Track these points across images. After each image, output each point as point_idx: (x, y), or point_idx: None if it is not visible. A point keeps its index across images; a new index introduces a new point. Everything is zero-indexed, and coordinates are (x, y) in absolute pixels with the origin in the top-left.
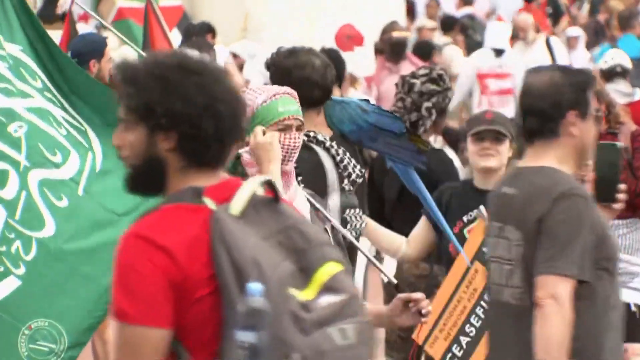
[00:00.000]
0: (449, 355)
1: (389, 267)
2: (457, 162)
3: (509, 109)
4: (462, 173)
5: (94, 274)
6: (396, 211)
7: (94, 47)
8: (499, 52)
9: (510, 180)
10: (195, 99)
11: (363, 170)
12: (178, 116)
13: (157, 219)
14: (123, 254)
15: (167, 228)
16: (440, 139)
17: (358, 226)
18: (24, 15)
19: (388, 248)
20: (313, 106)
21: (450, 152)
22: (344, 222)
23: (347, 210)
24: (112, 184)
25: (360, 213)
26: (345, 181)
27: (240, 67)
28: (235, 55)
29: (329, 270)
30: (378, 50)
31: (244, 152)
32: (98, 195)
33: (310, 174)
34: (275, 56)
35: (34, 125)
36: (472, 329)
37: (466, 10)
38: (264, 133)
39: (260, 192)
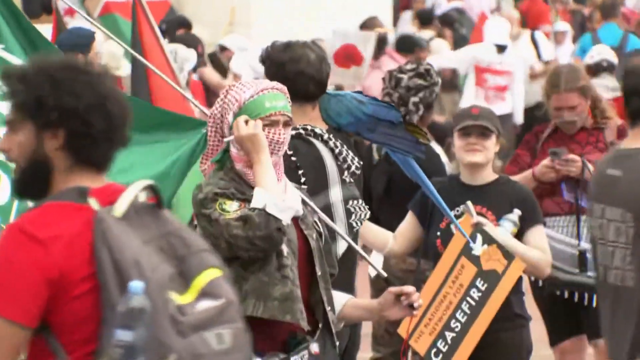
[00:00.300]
0: (434, 350)
1: (376, 263)
2: (443, 157)
3: (503, 105)
4: (449, 168)
5: None
6: (383, 206)
7: (80, 41)
8: (501, 49)
9: (615, 162)
10: (84, 96)
11: (361, 162)
12: (67, 111)
13: (41, 214)
14: (2, 245)
15: (49, 223)
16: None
17: (362, 217)
18: (6, 11)
19: (375, 243)
20: (308, 100)
21: (437, 147)
22: (348, 214)
23: (350, 202)
24: None
25: (363, 203)
26: (345, 173)
27: (228, 61)
28: (223, 49)
29: (207, 276)
30: None
31: (232, 146)
32: None
33: (310, 168)
34: (270, 50)
35: None
36: (458, 324)
37: (455, 3)
38: (246, 122)
39: (143, 197)
